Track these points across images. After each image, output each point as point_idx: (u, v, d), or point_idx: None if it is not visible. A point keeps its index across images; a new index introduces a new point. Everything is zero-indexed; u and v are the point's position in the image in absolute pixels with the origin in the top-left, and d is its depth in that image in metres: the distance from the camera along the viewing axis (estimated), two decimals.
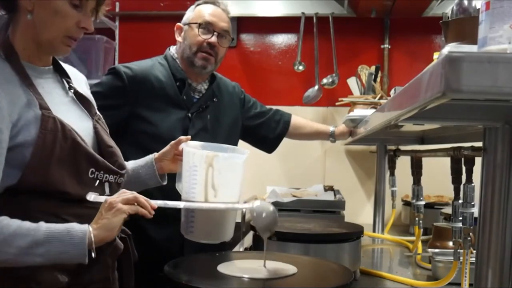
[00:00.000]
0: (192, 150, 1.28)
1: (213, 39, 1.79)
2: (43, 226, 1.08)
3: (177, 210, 1.72)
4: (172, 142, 1.45)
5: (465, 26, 1.02)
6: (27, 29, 1.16)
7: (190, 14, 1.84)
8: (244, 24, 3.00)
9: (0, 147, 1.07)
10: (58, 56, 1.27)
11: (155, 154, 1.48)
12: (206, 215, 1.24)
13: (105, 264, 1.23)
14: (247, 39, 3.03)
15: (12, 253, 1.04)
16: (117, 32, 2.99)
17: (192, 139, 1.76)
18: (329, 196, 2.33)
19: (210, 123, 1.83)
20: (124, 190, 1.17)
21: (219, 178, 1.23)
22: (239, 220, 1.46)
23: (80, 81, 1.38)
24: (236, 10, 2.88)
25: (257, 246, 1.70)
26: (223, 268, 1.16)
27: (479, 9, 0.75)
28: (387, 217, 2.41)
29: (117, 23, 3.02)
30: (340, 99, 2.53)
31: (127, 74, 1.73)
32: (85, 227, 1.09)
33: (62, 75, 1.30)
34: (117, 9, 2.99)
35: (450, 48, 1.00)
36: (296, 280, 1.12)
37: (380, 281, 1.52)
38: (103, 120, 1.35)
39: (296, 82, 2.96)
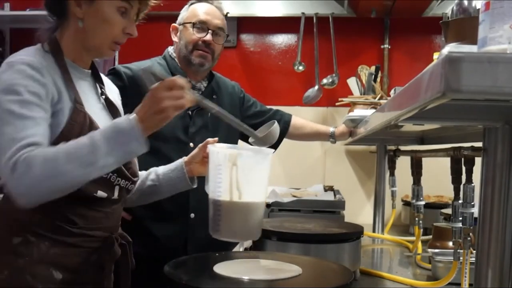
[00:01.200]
0: (217, 149, 1.29)
1: (208, 37, 1.80)
2: (92, 134, 1.12)
3: (181, 208, 1.72)
4: (200, 144, 1.48)
5: (465, 26, 1.02)
6: (77, 35, 1.24)
7: (184, 13, 1.86)
8: (244, 24, 3.00)
9: (47, 114, 1.14)
10: (103, 58, 1.37)
11: (185, 158, 1.51)
12: (232, 213, 1.24)
13: (102, 267, 1.25)
14: (247, 39, 3.03)
15: (80, 167, 1.07)
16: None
17: (192, 136, 1.77)
18: (329, 196, 2.33)
19: (210, 120, 1.83)
20: (174, 79, 1.16)
21: (243, 176, 1.22)
22: None
23: (113, 92, 1.46)
24: (236, 10, 2.89)
25: (257, 246, 1.70)
26: (222, 268, 1.16)
27: (479, 9, 0.75)
28: (387, 217, 2.41)
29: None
30: (340, 99, 2.53)
31: (127, 74, 1.74)
32: (132, 121, 1.12)
33: (97, 80, 1.36)
34: None
35: (450, 48, 1.00)
36: (296, 280, 1.12)
37: (380, 281, 1.52)
38: None
39: (296, 82, 2.96)
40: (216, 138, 1.45)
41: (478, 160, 1.04)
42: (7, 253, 1.17)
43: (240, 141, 2.01)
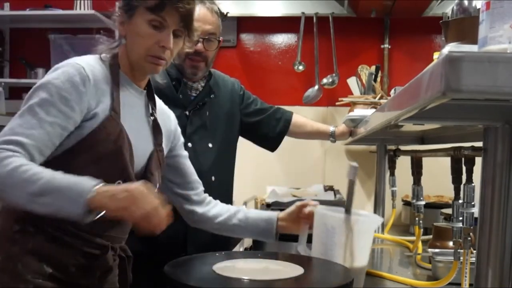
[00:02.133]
0: (330, 213, 1.30)
1: (199, 46, 1.75)
2: (55, 176, 1.09)
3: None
4: (298, 203, 1.47)
5: (465, 26, 1.02)
6: (124, 51, 1.31)
7: None
8: (244, 24, 3.00)
9: (65, 121, 1.16)
10: (149, 74, 1.36)
11: (279, 213, 1.51)
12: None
13: (92, 273, 1.25)
14: (247, 39, 3.03)
15: (23, 197, 1.07)
16: (117, 32, 2.98)
17: (190, 136, 1.76)
18: (329, 196, 2.33)
19: (209, 120, 1.83)
20: (167, 209, 1.12)
21: (357, 241, 1.25)
22: None
23: (169, 119, 1.48)
24: (236, 10, 2.89)
25: (257, 246, 1.70)
26: (222, 268, 1.16)
27: (479, 9, 0.74)
28: (387, 217, 2.41)
29: (117, 23, 3.01)
30: (340, 99, 2.53)
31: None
32: (89, 185, 1.07)
33: (150, 100, 1.39)
34: (117, 9, 2.99)
35: (450, 48, 1.00)
36: (296, 280, 1.11)
37: (380, 281, 1.51)
38: (164, 156, 1.41)
39: (296, 82, 2.96)
40: (317, 203, 1.45)
41: (478, 160, 1.04)
42: (6, 239, 1.19)
43: (241, 139, 2.01)
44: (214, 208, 1.54)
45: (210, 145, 1.82)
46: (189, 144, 1.75)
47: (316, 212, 1.33)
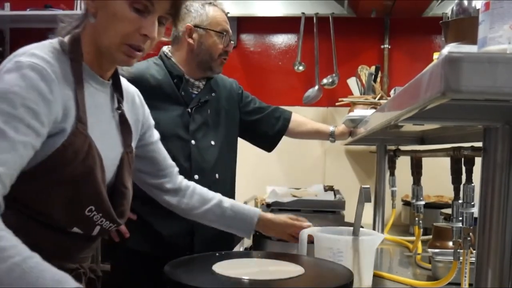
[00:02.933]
0: (334, 236, 1.32)
1: (230, 47, 1.85)
2: (31, 263, 0.85)
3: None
4: (296, 222, 1.51)
5: (465, 26, 1.02)
6: (91, 33, 1.08)
7: (203, 16, 1.80)
8: (244, 24, 3.00)
9: (36, 140, 0.95)
10: (120, 65, 1.17)
11: (260, 215, 1.53)
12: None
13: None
14: (247, 39, 3.03)
15: None
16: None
17: (193, 133, 1.78)
18: (329, 196, 2.33)
19: (210, 117, 1.84)
20: None
21: (363, 260, 1.27)
22: None
23: (134, 102, 1.29)
24: (236, 10, 2.88)
25: (257, 246, 1.70)
26: (223, 268, 1.16)
27: (479, 9, 0.75)
28: (387, 217, 2.41)
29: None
30: (340, 99, 2.53)
31: (122, 75, 1.73)
32: None
33: (117, 92, 1.21)
34: None
35: (450, 48, 1.00)
36: (296, 280, 1.12)
37: (380, 281, 1.51)
38: (133, 154, 1.24)
39: (296, 82, 2.96)
40: (310, 224, 1.50)
41: (478, 160, 1.04)
42: None
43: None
44: (191, 199, 1.47)
45: (212, 142, 1.83)
46: (193, 142, 1.77)
47: (318, 236, 1.33)
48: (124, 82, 1.26)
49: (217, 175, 1.82)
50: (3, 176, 0.89)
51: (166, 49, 1.89)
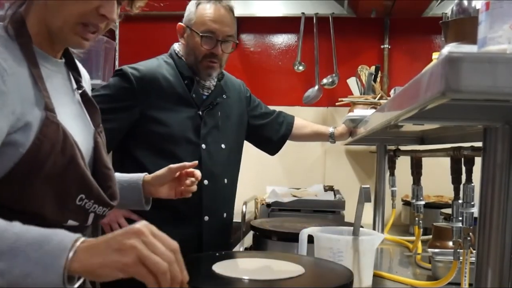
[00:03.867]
0: (334, 236, 1.31)
1: (217, 49, 1.71)
2: (15, 228, 0.79)
3: (194, 211, 1.68)
4: (172, 166, 1.32)
5: (465, 26, 1.02)
6: (40, 11, 0.98)
7: (191, 15, 1.74)
8: (244, 24, 3.00)
9: None
10: (73, 48, 1.08)
11: (145, 176, 1.33)
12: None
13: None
14: (247, 39, 3.03)
15: None
16: (117, 32, 2.98)
17: (204, 137, 1.74)
18: (329, 196, 2.33)
19: (220, 120, 1.81)
20: (165, 238, 0.84)
21: (363, 260, 1.27)
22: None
23: (86, 80, 1.20)
24: (236, 10, 2.86)
25: (257, 246, 1.70)
26: (223, 268, 1.16)
27: (478, 9, 0.75)
28: (387, 217, 2.41)
29: (117, 23, 3.01)
30: (340, 99, 2.53)
31: (134, 75, 1.68)
32: (68, 241, 0.77)
33: (73, 70, 1.12)
34: None
35: (450, 48, 1.00)
36: (296, 280, 1.12)
37: (380, 281, 1.51)
38: (104, 134, 1.16)
39: (296, 82, 2.96)
40: (196, 162, 1.37)
41: (477, 160, 1.05)
42: None
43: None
44: None
45: (223, 146, 1.80)
46: (203, 146, 1.73)
47: (318, 236, 1.33)
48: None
49: (225, 180, 1.79)
50: None
51: (177, 46, 1.83)
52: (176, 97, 1.73)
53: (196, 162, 1.35)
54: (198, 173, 1.35)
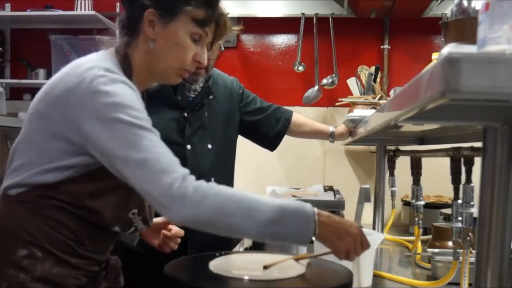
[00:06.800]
0: None
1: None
2: (276, 202, 1.06)
3: None
4: (163, 220, 1.43)
5: (464, 27, 1.02)
6: (146, 56, 1.18)
7: None
8: (244, 24, 2.99)
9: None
10: (168, 84, 1.29)
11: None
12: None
13: (110, 276, 1.25)
14: (247, 39, 3.03)
15: (252, 228, 1.03)
16: (117, 32, 2.99)
17: (189, 137, 1.74)
18: (329, 196, 2.33)
19: (207, 120, 1.81)
20: (366, 244, 1.13)
21: (363, 260, 1.29)
22: None
23: None
24: (236, 10, 2.89)
25: (257, 246, 1.70)
26: (222, 268, 1.16)
27: (478, 9, 0.75)
28: (387, 217, 2.41)
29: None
30: (340, 99, 2.53)
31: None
32: (310, 208, 1.08)
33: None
34: (117, 10, 2.99)
35: (449, 48, 1.00)
36: (296, 280, 1.12)
37: (380, 281, 1.52)
38: None
39: (296, 83, 2.97)
40: (181, 231, 1.45)
41: (477, 160, 1.05)
42: (11, 265, 1.08)
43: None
44: None
45: (209, 146, 1.80)
46: (188, 146, 1.73)
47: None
48: None
49: (213, 179, 1.80)
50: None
51: None
52: (161, 99, 1.71)
53: (182, 232, 1.44)
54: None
